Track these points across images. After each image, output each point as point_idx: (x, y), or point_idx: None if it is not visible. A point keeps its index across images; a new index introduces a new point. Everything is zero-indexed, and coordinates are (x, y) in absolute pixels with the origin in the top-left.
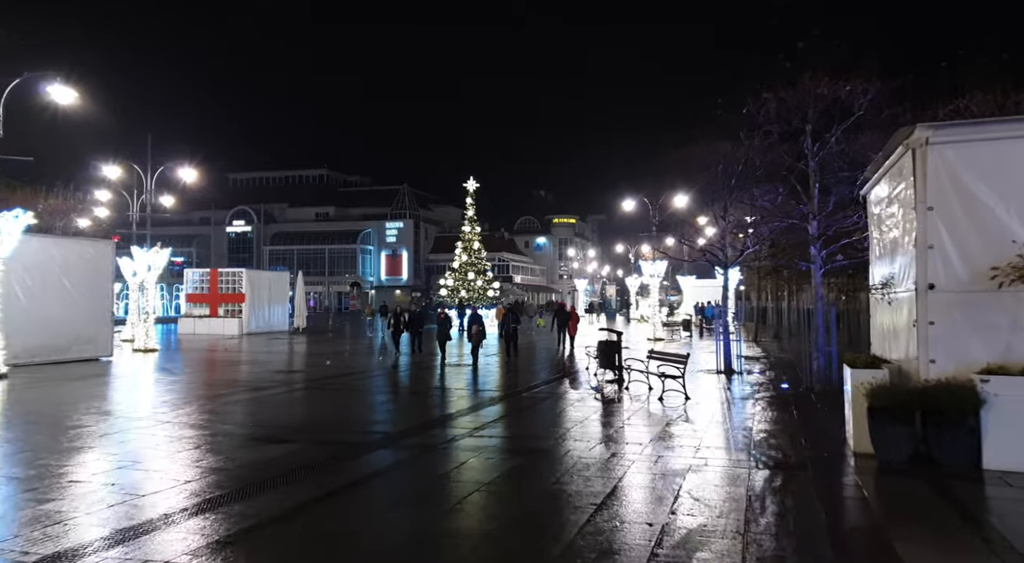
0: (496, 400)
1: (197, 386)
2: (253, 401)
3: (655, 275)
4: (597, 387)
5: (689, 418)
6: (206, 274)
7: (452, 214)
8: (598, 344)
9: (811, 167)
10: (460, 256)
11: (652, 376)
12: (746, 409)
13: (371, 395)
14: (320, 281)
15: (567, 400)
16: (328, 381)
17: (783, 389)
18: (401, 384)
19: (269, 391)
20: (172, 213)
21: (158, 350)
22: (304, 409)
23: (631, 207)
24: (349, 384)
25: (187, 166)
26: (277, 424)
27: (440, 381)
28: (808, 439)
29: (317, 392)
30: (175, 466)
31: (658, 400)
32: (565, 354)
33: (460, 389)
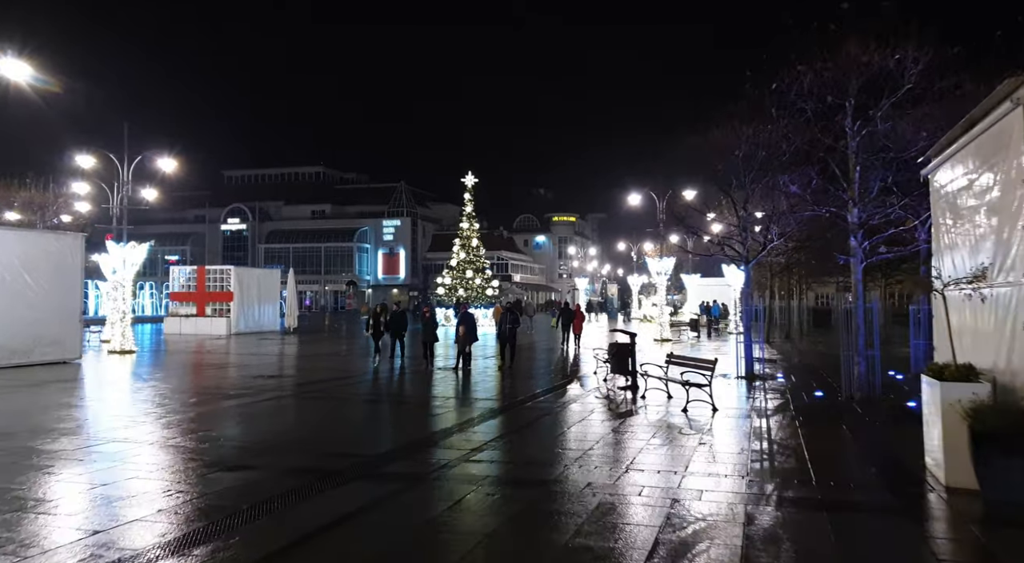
0: (494, 413)
1: (165, 394)
2: (221, 413)
3: (662, 273)
4: (609, 395)
5: (723, 436)
6: (193, 271)
7: (450, 212)
8: (609, 347)
9: (852, 148)
10: (458, 254)
11: (672, 383)
12: (786, 424)
13: (352, 406)
14: (316, 280)
15: (576, 412)
16: (309, 388)
17: (818, 397)
18: (385, 393)
19: (241, 401)
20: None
21: (136, 352)
22: (275, 423)
23: (636, 201)
24: (331, 392)
25: (167, 156)
26: (240, 444)
27: (429, 389)
28: (877, 467)
29: (294, 402)
30: (86, 506)
31: (682, 411)
32: (570, 355)
33: (452, 399)
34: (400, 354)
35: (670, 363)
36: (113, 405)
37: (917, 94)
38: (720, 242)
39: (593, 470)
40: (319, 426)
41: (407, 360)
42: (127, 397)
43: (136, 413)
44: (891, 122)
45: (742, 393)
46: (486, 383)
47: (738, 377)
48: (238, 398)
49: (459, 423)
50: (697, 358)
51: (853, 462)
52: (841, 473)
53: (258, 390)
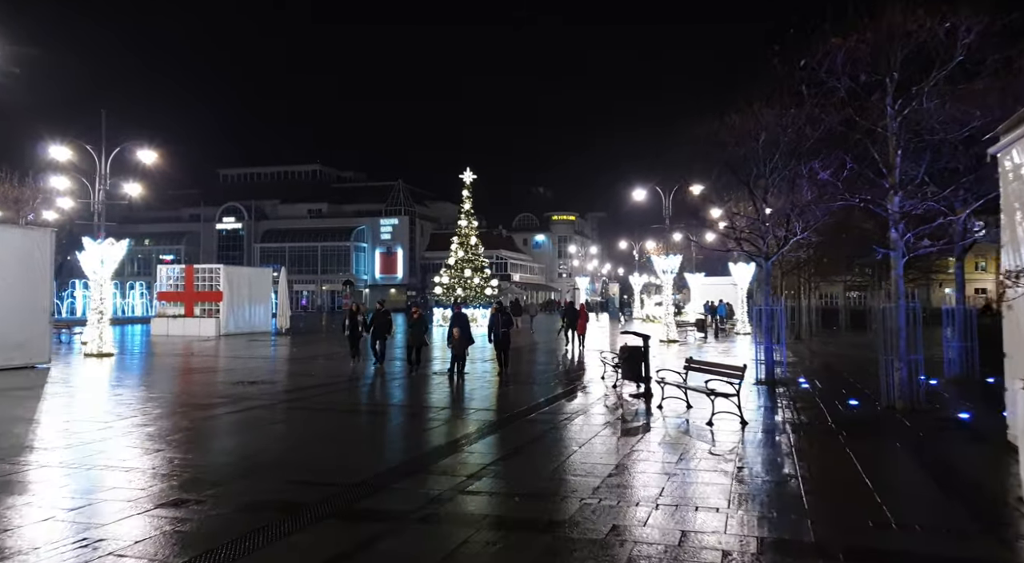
0: (492, 427)
1: (130, 405)
2: (185, 428)
3: (668, 271)
4: (621, 405)
5: (763, 458)
6: (180, 270)
7: (449, 211)
8: (620, 350)
9: (892, 128)
10: (456, 252)
11: (691, 391)
12: (830, 441)
13: (332, 419)
14: (313, 280)
15: (585, 427)
16: (290, 396)
17: (853, 407)
18: (371, 403)
19: (211, 412)
20: (155, 207)
21: (114, 355)
22: (242, 441)
23: (641, 197)
24: (312, 401)
25: (148, 148)
26: (196, 468)
27: (419, 399)
28: (963, 501)
29: (270, 413)
30: None
31: (706, 425)
32: (575, 356)
33: (445, 410)
34: (380, 359)
35: (689, 369)
36: (64, 419)
37: (969, 68)
38: (738, 237)
39: (616, 507)
40: (292, 444)
41: (389, 365)
42: (84, 409)
43: (87, 429)
44: (938, 100)
45: (767, 402)
46: (483, 391)
47: (757, 382)
48: (209, 409)
49: (452, 441)
50: (722, 364)
51: (929, 494)
52: (923, 512)
53: (234, 399)
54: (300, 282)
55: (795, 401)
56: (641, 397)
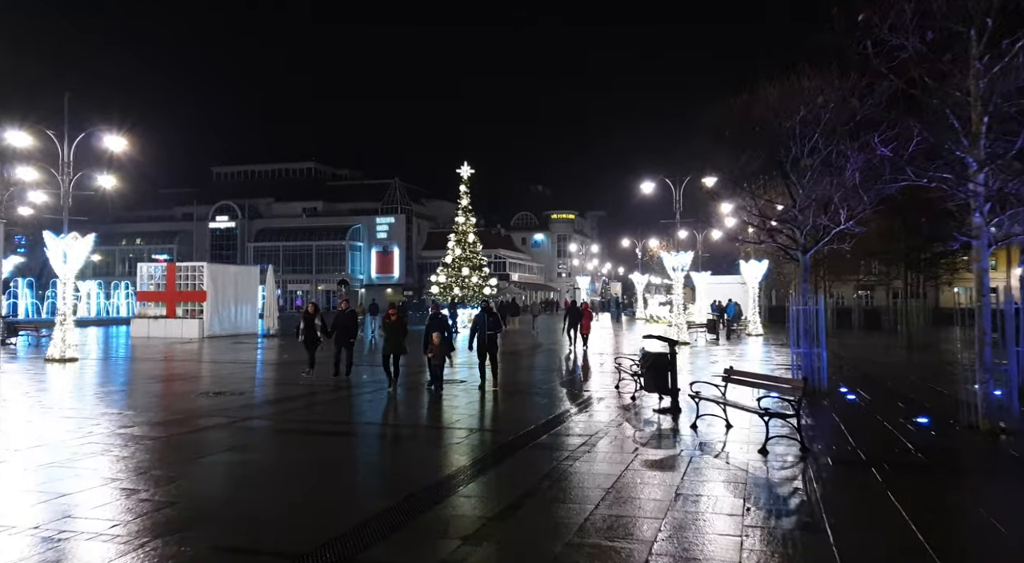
0: (490, 458)
1: (64, 421)
2: (114, 457)
3: (678, 268)
4: (644, 423)
5: (859, 514)
6: (162, 269)
7: (446, 209)
8: (642, 357)
9: (978, 91)
10: (453, 250)
11: (730, 407)
12: (933, 481)
13: (288, 446)
14: (308, 279)
15: (609, 458)
16: (254, 412)
17: (925, 426)
18: (341, 424)
19: (157, 432)
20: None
21: (77, 360)
22: (174, 477)
23: (649, 190)
24: (276, 418)
25: (117, 134)
26: (91, 520)
27: (393, 421)
28: None
29: (220, 436)
30: None
31: (759, 453)
32: (579, 359)
33: (423, 437)
34: (345, 370)
35: (729, 381)
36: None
37: None
38: (771, 229)
39: None
40: (235, 481)
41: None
42: (10, 426)
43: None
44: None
45: (817, 419)
46: (472, 408)
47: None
48: (156, 427)
49: (433, 484)
50: (772, 376)
51: None
52: None
53: (190, 415)
54: (295, 282)
55: (848, 418)
56: (667, 413)
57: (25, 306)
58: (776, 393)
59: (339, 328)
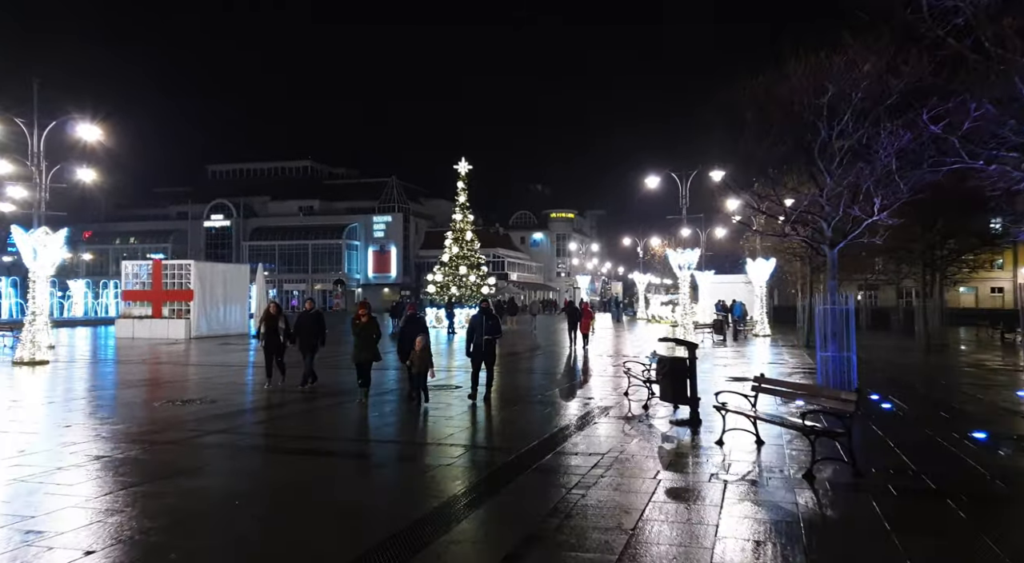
0: (482, 490)
1: (2, 434)
2: (27, 488)
3: (685, 266)
4: (662, 439)
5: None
6: (147, 266)
7: (444, 208)
8: (658, 363)
9: None
10: (450, 248)
11: (761, 421)
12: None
13: (245, 469)
14: (304, 279)
15: (628, 486)
16: (215, 426)
17: (982, 441)
18: (315, 438)
19: (103, 449)
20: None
21: (48, 363)
22: (101, 506)
23: (654, 185)
24: (240, 433)
25: (90, 122)
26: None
27: (372, 434)
28: None
29: (171, 455)
30: None
31: (803, 478)
32: (580, 360)
33: (409, 454)
34: (310, 380)
35: (759, 391)
36: None
37: None
38: (795, 221)
39: None
40: (171, 522)
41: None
42: None
43: None
44: None
45: (862, 435)
46: (464, 420)
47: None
48: (101, 443)
49: (413, 523)
50: (814, 387)
51: None
52: None
53: (147, 429)
54: (291, 281)
55: (893, 432)
56: (685, 425)
57: (9, 306)
58: (816, 405)
59: (301, 332)
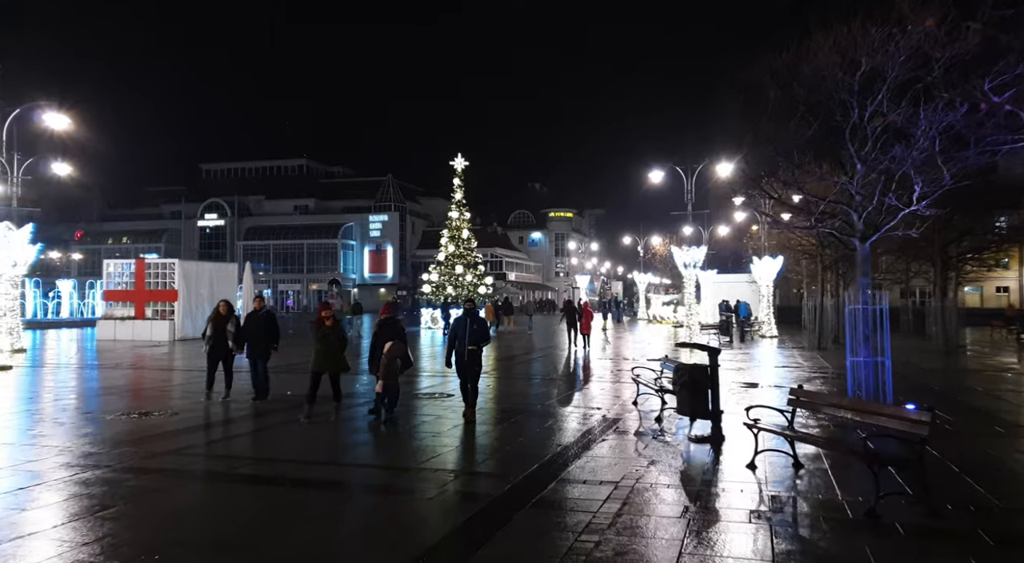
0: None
1: None
2: None
3: (691, 264)
4: (681, 460)
5: None
6: (130, 265)
7: (441, 207)
8: (675, 372)
9: None
10: (446, 246)
11: (795, 441)
12: None
13: (188, 500)
14: (299, 279)
15: (651, 529)
16: (164, 446)
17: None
18: (278, 461)
19: (16, 483)
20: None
21: (11, 368)
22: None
23: (658, 180)
24: (188, 455)
25: (58, 110)
26: None
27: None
28: None
29: (102, 487)
30: None
31: (867, 518)
32: (580, 361)
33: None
34: (259, 391)
35: (797, 406)
36: None
37: None
38: (820, 212)
39: None
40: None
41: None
42: None
43: None
44: None
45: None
46: (446, 440)
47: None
48: (16, 473)
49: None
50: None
51: None
52: None
53: (87, 450)
54: (286, 281)
55: (951, 452)
56: (705, 442)
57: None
58: (869, 422)
59: (248, 335)
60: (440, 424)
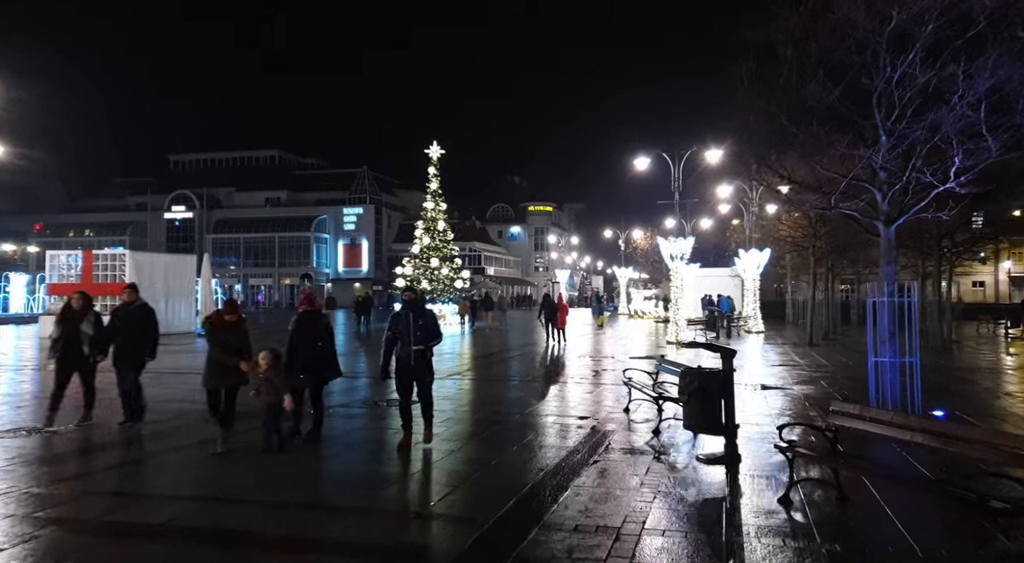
0: None
1: None
2: None
3: (678, 257)
4: (695, 490)
5: None
6: (76, 257)
7: (418, 200)
8: (682, 377)
9: None
10: (421, 238)
11: (838, 471)
12: None
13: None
14: (270, 273)
15: None
16: (23, 475)
17: None
18: (141, 503)
19: None
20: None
21: None
22: None
23: (644, 166)
24: (56, 490)
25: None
26: None
27: (244, 492)
28: None
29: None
30: None
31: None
32: (560, 362)
33: (301, 531)
34: (130, 412)
35: (838, 424)
36: None
37: None
38: (840, 192)
39: None
40: None
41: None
42: None
43: None
44: None
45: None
46: (394, 465)
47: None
48: None
49: None
50: (962, 428)
51: None
52: None
53: None
54: (257, 276)
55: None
56: (719, 463)
57: None
58: (954, 452)
59: (115, 336)
60: (386, 439)
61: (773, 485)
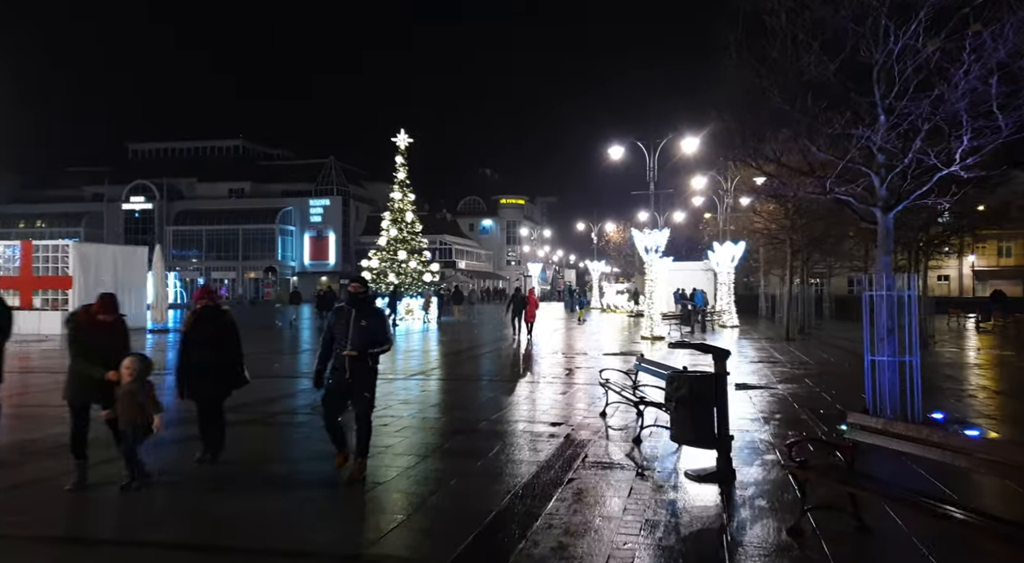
0: None
1: None
2: None
3: (652, 249)
4: (684, 519)
5: None
6: (15, 248)
7: (386, 192)
8: (669, 382)
9: None
10: (388, 230)
11: (855, 497)
12: None
13: None
14: (234, 266)
15: None
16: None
17: None
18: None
19: None
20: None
21: None
22: None
23: (619, 156)
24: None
25: None
26: None
27: (132, 533)
28: None
29: None
30: None
31: None
32: (528, 358)
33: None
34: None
35: (854, 438)
36: None
37: None
38: (836, 175)
39: None
40: None
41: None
42: None
43: None
44: None
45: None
46: (307, 500)
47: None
48: None
49: None
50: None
51: None
52: None
53: None
54: (219, 269)
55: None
56: (711, 481)
57: None
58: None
59: None
60: (327, 457)
61: (777, 510)
